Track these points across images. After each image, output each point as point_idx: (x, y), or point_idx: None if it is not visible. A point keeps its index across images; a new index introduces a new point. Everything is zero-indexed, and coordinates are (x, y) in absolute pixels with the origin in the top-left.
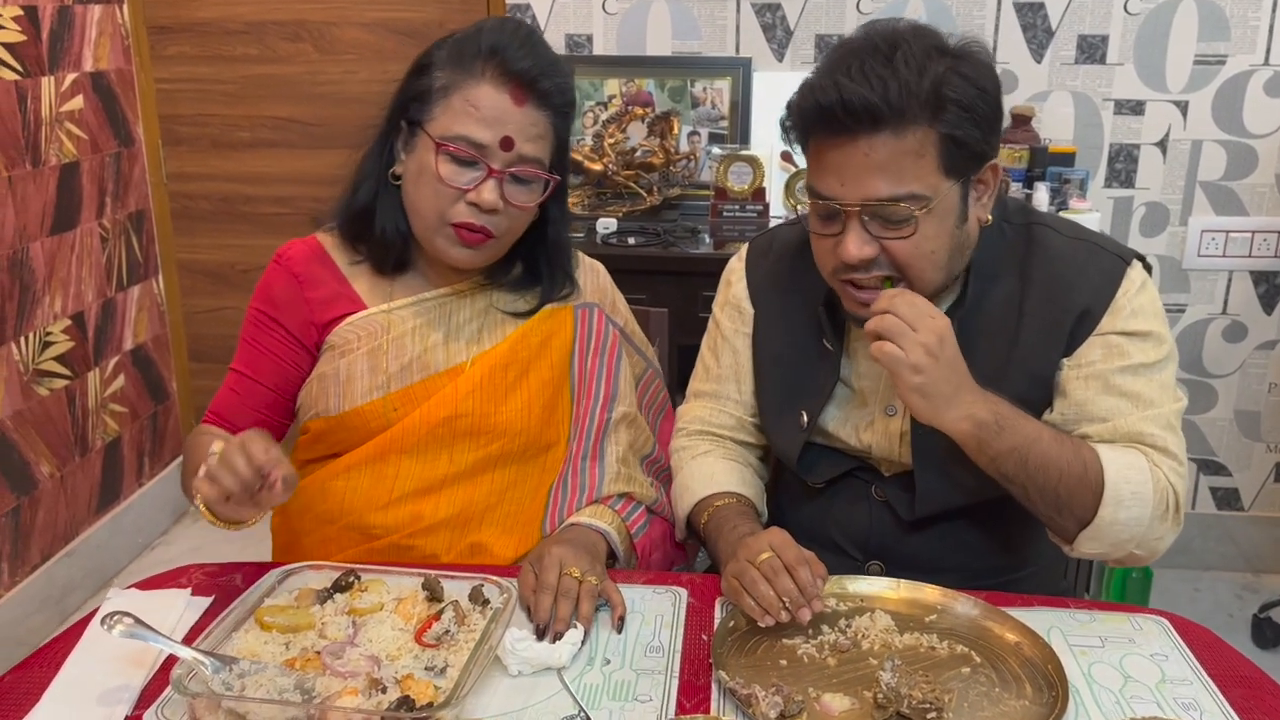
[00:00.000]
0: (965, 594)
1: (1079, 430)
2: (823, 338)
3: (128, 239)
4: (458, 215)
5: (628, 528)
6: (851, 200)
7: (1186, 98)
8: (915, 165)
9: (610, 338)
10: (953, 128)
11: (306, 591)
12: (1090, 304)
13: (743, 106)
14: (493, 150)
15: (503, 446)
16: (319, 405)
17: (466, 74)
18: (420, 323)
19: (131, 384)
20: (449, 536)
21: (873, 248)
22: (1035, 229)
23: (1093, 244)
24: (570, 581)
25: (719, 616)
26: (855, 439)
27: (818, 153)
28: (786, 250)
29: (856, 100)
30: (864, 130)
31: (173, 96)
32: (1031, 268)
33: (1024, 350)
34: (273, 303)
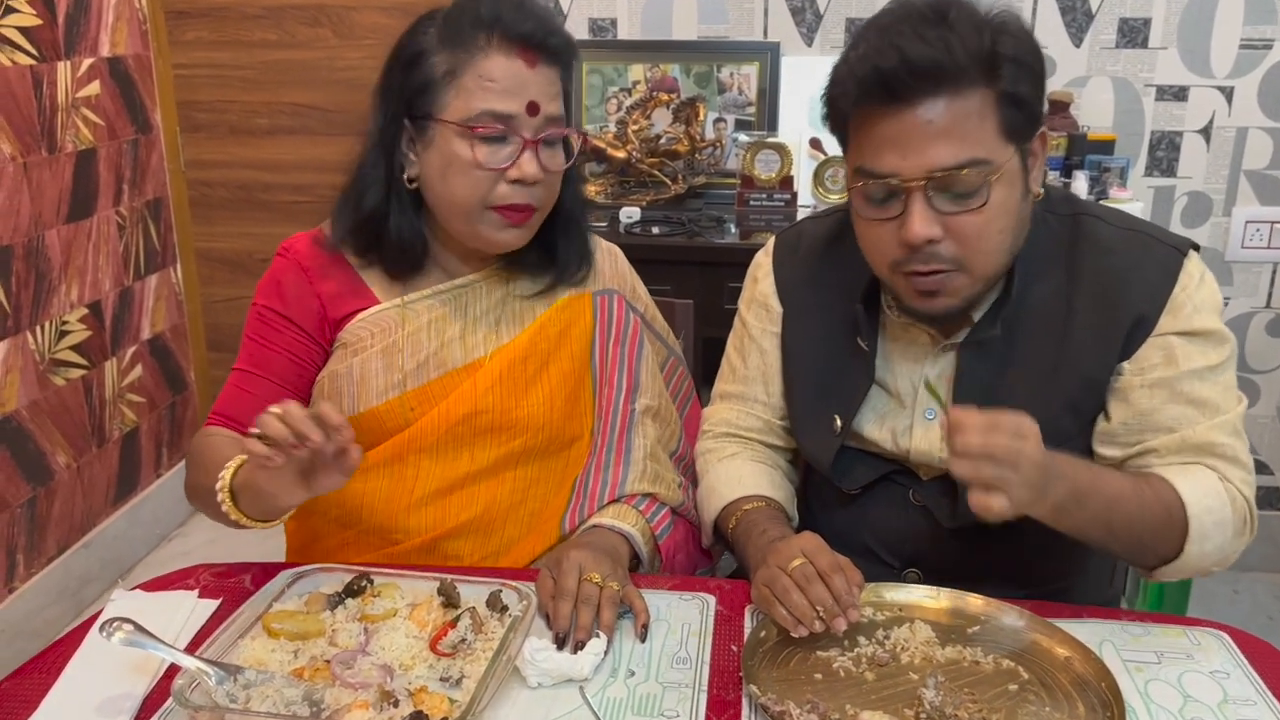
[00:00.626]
0: (1009, 603)
1: (1143, 440)
2: (857, 336)
3: (145, 227)
4: (500, 198)
5: (652, 529)
6: (914, 174)
7: (1232, 83)
8: (978, 128)
9: (631, 325)
10: (1012, 84)
11: (317, 596)
12: (1147, 302)
13: (770, 92)
14: (521, 119)
15: (525, 442)
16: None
17: (469, 50)
18: (435, 316)
19: (149, 374)
20: (474, 540)
21: (939, 227)
22: (1082, 220)
23: (1146, 234)
24: (591, 588)
25: (749, 625)
26: (893, 443)
27: (868, 127)
28: (816, 244)
29: (922, 60)
30: (923, 94)
31: (191, 82)
32: (1080, 262)
33: (1075, 351)
34: (281, 298)
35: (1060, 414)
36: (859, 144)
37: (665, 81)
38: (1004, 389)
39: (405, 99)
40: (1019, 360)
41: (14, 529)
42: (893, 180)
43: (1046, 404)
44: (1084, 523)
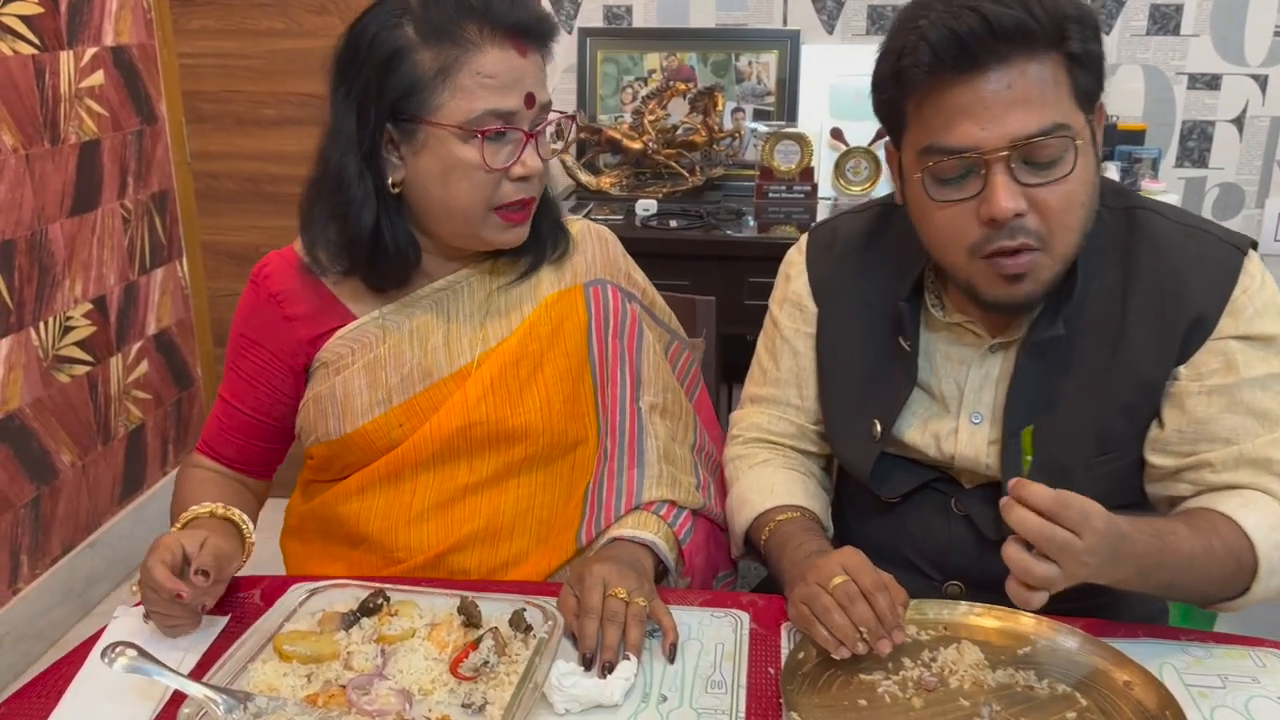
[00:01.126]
0: (1062, 621)
1: (1197, 451)
2: (899, 336)
3: (150, 220)
4: (504, 198)
5: (675, 534)
6: (996, 144)
7: (1266, 71)
8: (1054, 93)
9: (629, 315)
10: (1081, 44)
11: (331, 615)
12: (1205, 303)
13: (790, 82)
14: (520, 113)
15: (526, 450)
16: (318, 429)
17: (460, 45)
18: (417, 324)
19: (155, 370)
20: (479, 552)
21: (1023, 200)
22: (1138, 214)
23: (1205, 231)
24: (616, 604)
25: (785, 645)
26: (936, 449)
27: (938, 100)
28: (853, 240)
29: (1006, 20)
30: (1000, 60)
31: (196, 72)
32: (1136, 258)
33: (1130, 353)
34: (251, 326)
35: (1113, 418)
36: (926, 120)
37: (682, 71)
38: (1058, 392)
39: (388, 102)
40: (1075, 361)
41: (18, 529)
42: (971, 154)
43: (1099, 407)
44: (1151, 589)
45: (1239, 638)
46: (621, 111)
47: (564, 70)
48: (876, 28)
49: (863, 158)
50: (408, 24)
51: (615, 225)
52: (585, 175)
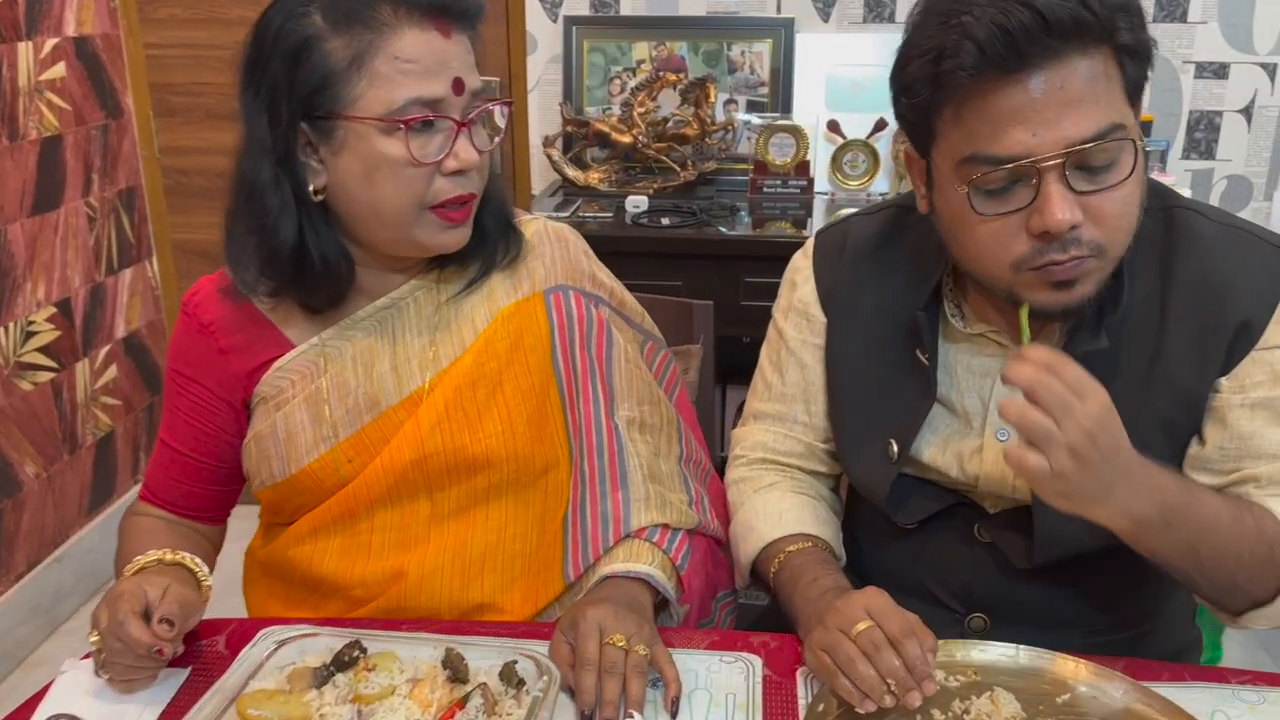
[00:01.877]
0: (1104, 665)
1: (1241, 468)
2: (915, 349)
3: (118, 218)
4: (439, 194)
5: (672, 560)
6: (1050, 150)
7: (1275, 60)
8: (1108, 90)
9: (595, 321)
10: (1132, 33)
11: (301, 671)
12: (1251, 310)
13: (784, 72)
14: (449, 100)
15: (489, 479)
16: (262, 473)
17: (374, 29)
18: (360, 349)
19: (125, 374)
20: (447, 592)
21: (1080, 209)
22: (1177, 214)
23: (1249, 233)
24: (614, 653)
25: (803, 694)
26: (958, 470)
27: (982, 105)
28: (864, 245)
29: (1063, 13)
30: (1052, 58)
31: (164, 63)
32: (1175, 262)
33: (1170, 363)
34: (185, 360)
35: (1152, 432)
36: (968, 127)
37: (672, 61)
38: None
39: (300, 99)
40: (1114, 375)
41: None
42: (1023, 162)
43: (1138, 421)
44: (1169, 548)
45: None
46: (609, 103)
47: (549, 60)
48: (874, 15)
49: (860, 151)
50: (315, 11)
51: (604, 223)
52: (572, 170)
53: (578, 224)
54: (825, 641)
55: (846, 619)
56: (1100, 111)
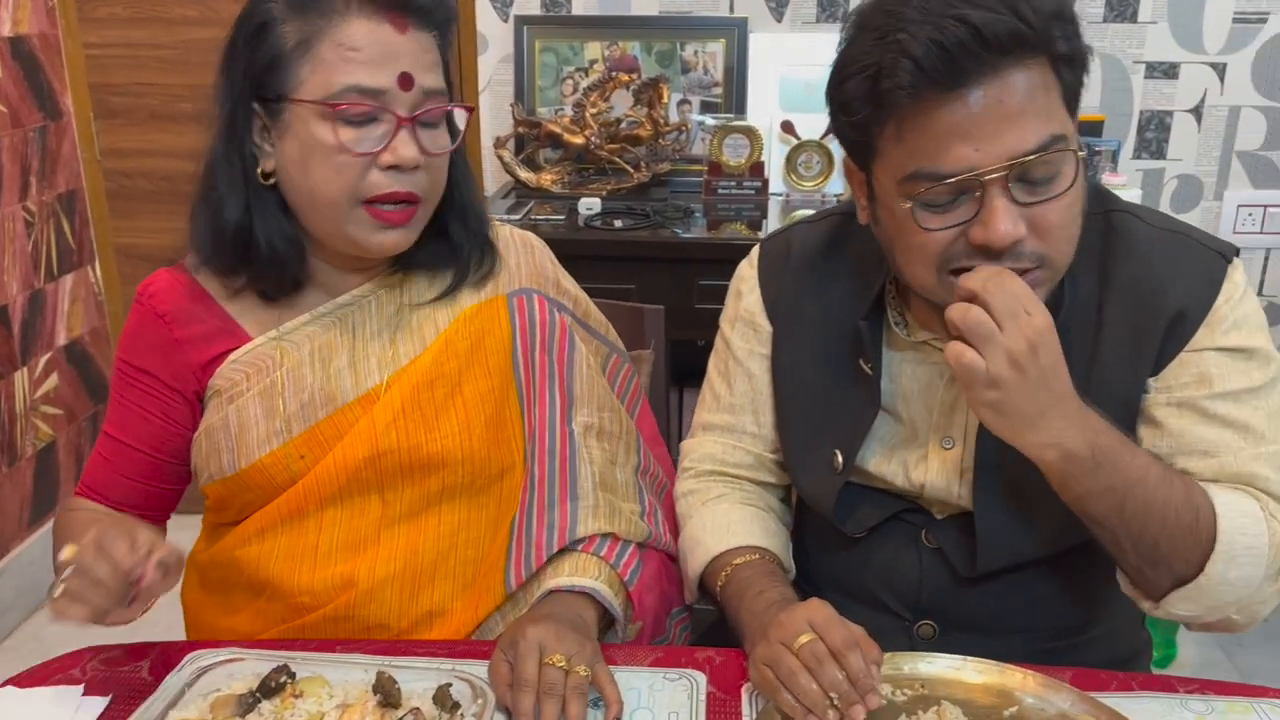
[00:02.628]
0: (1050, 675)
1: (1174, 465)
2: (859, 358)
3: (58, 223)
4: (373, 188)
5: (619, 575)
6: (994, 163)
7: (1224, 59)
8: (1047, 100)
9: (558, 327)
10: (1067, 42)
11: (225, 699)
12: (1185, 311)
13: (738, 72)
14: (393, 94)
15: (444, 480)
16: (211, 466)
17: (325, 15)
18: (318, 345)
19: (66, 383)
20: (397, 601)
21: (1023, 223)
22: (1116, 217)
23: (1188, 237)
24: (554, 674)
25: (747, 711)
26: (904, 478)
27: (925, 122)
28: (809, 253)
29: (999, 27)
30: (988, 72)
31: (104, 63)
32: (1113, 265)
33: (1105, 367)
34: (137, 351)
35: None
36: (910, 145)
37: (625, 61)
38: None
39: (251, 78)
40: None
41: None
42: (966, 177)
43: None
44: (1096, 494)
45: (1238, 686)
46: (562, 104)
47: (500, 60)
48: (827, 15)
49: (815, 151)
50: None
51: (557, 225)
52: (524, 172)
53: (530, 226)
54: (768, 656)
55: (789, 632)
56: (1040, 123)
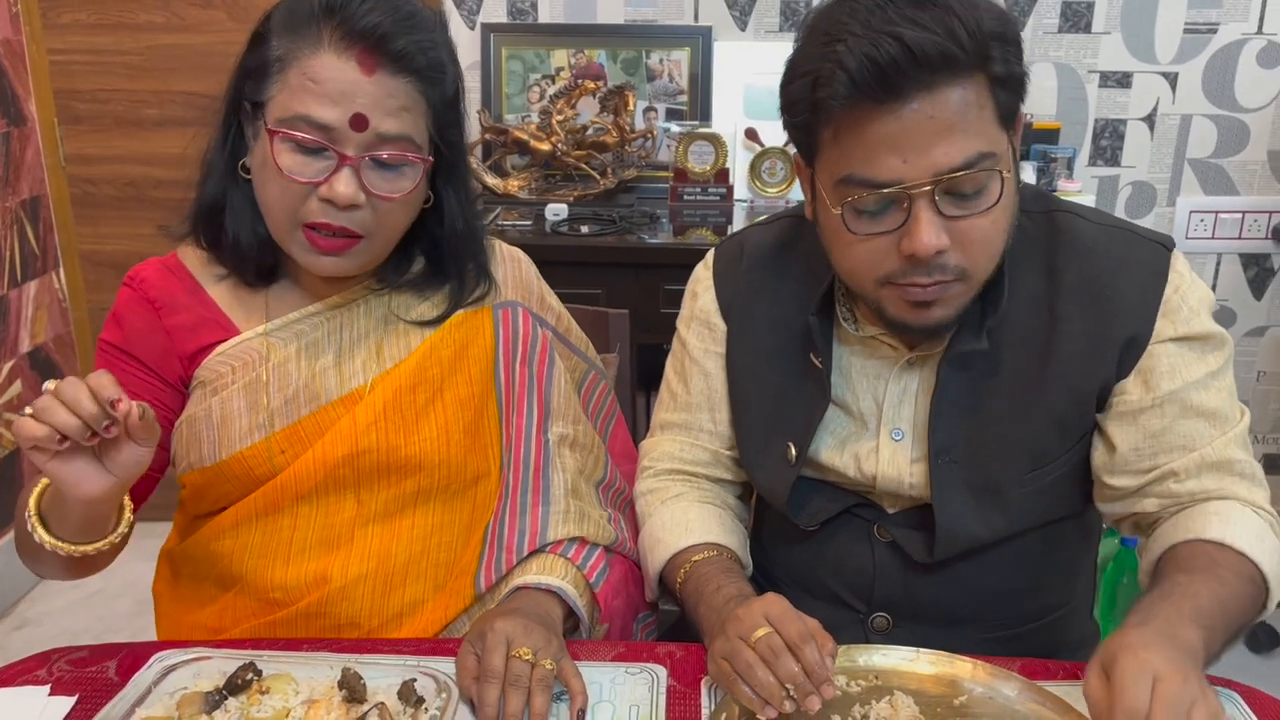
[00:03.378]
0: (999, 665)
1: (1157, 465)
2: (809, 353)
3: (21, 229)
4: (310, 215)
5: (586, 577)
6: (920, 177)
7: (1176, 69)
8: (979, 118)
9: (540, 341)
10: (1003, 64)
11: (191, 696)
12: (1139, 306)
13: (703, 80)
14: (342, 132)
15: (419, 483)
16: (191, 455)
17: (303, 41)
18: (305, 343)
19: (31, 390)
20: (369, 599)
21: (946, 235)
22: (1058, 217)
23: (1128, 231)
24: (520, 666)
25: (706, 703)
26: (856, 470)
27: (859, 130)
28: (761, 254)
29: (929, 47)
30: (922, 88)
31: (69, 70)
32: (1060, 264)
33: (1061, 363)
34: (125, 334)
35: (1044, 431)
36: (845, 151)
37: (591, 68)
38: (985, 405)
39: (242, 80)
40: (1002, 374)
41: None
42: (894, 189)
43: (1029, 420)
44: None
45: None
46: (528, 111)
47: (467, 67)
48: (790, 24)
49: (779, 158)
50: (282, 10)
51: (524, 231)
52: (491, 178)
53: (497, 232)
54: (725, 650)
55: (746, 626)
56: (970, 140)
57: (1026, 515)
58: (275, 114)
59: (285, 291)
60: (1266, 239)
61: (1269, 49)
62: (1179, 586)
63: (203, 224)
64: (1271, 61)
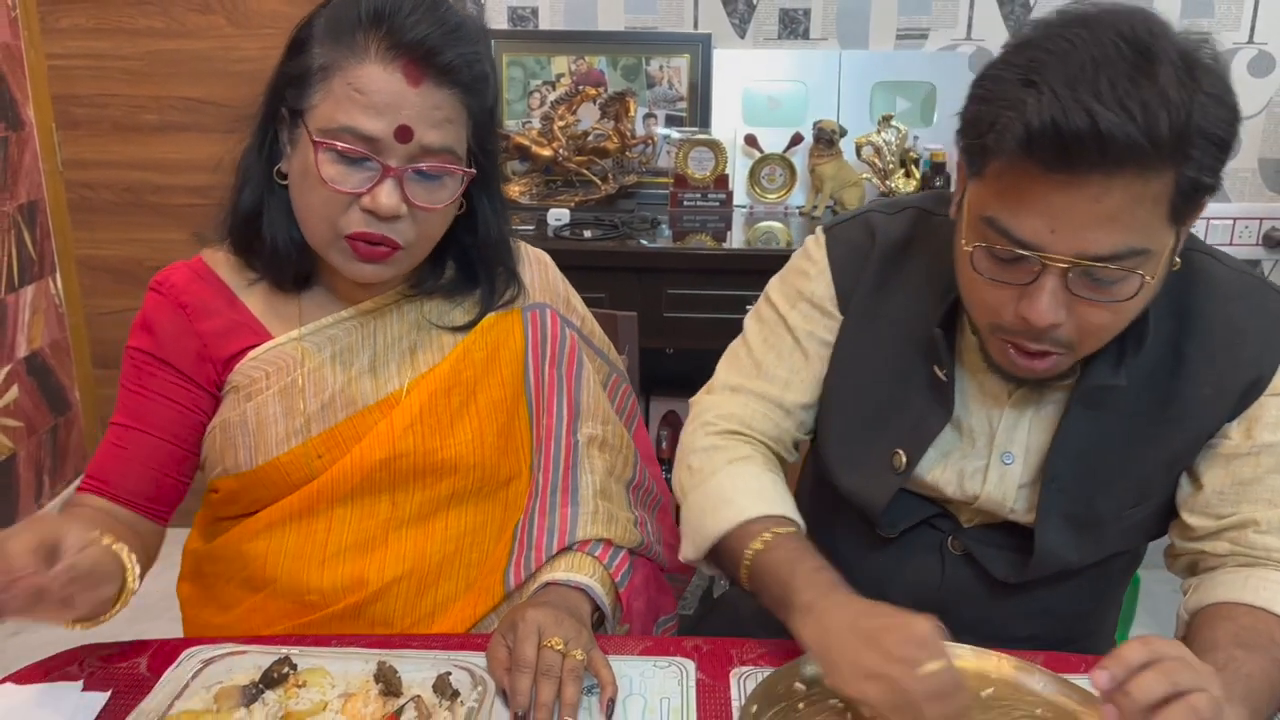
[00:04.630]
0: (1026, 659)
1: (1239, 511)
2: (934, 364)
3: (19, 233)
4: (351, 225)
5: (611, 576)
6: (1062, 252)
7: None
8: (1148, 214)
9: (568, 342)
10: (1201, 171)
11: (229, 689)
12: (1262, 358)
13: (702, 86)
14: (387, 144)
15: (454, 485)
16: (226, 460)
17: (348, 50)
18: (340, 348)
19: (27, 395)
20: (403, 600)
21: (1065, 311)
22: (1195, 258)
23: (1260, 280)
24: (552, 656)
25: (736, 696)
26: (956, 487)
27: (1021, 183)
28: (889, 248)
29: (1117, 133)
30: (1099, 172)
31: (67, 74)
32: (1194, 306)
33: (1185, 405)
34: (156, 339)
35: (1155, 469)
36: (1000, 193)
37: (591, 75)
38: (1107, 441)
39: (281, 86)
40: (1128, 410)
41: None
42: (1032, 254)
43: (1144, 460)
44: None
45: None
46: (530, 117)
47: None
48: (788, 32)
49: (778, 164)
50: (323, 16)
51: (527, 236)
52: None
53: None
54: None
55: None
56: (1128, 234)
57: (1116, 544)
58: (318, 123)
59: (318, 297)
60: (1258, 245)
61: (1260, 58)
62: (1234, 662)
63: (240, 230)
64: (1262, 70)
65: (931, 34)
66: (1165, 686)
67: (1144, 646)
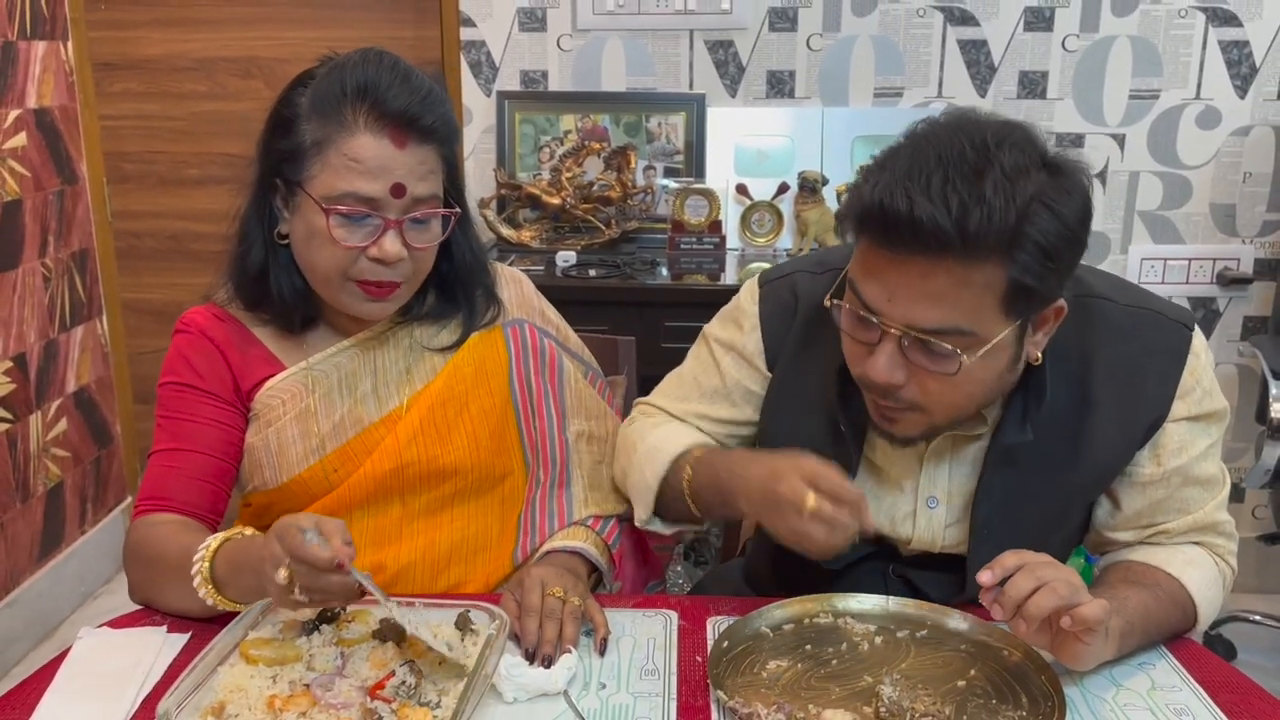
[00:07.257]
0: (956, 609)
1: (1155, 524)
2: (838, 420)
3: (71, 278)
4: (361, 273)
5: (604, 539)
6: (894, 320)
7: (1123, 131)
8: (975, 299)
9: (548, 351)
10: (1025, 273)
11: (292, 623)
12: (1161, 388)
13: (697, 141)
14: (385, 201)
15: (455, 485)
16: (255, 479)
17: (338, 124)
18: (344, 374)
19: (74, 427)
20: (420, 582)
21: (904, 374)
22: (1088, 304)
23: (1151, 311)
24: (554, 602)
25: (711, 636)
26: (890, 529)
27: (867, 254)
28: (811, 309)
29: (927, 221)
30: (926, 252)
31: (118, 133)
32: (1093, 350)
33: (1095, 445)
34: (194, 371)
35: (1074, 503)
36: (859, 258)
37: (596, 131)
38: (1025, 487)
39: (274, 162)
40: (1041, 457)
41: None
42: (872, 318)
43: (1065, 498)
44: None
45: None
46: (540, 169)
47: (484, 130)
48: (775, 92)
49: (767, 211)
50: (306, 95)
51: (536, 275)
52: (506, 229)
53: None
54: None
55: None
56: (951, 313)
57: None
58: (321, 191)
59: (322, 331)
60: (1211, 283)
61: (1206, 112)
62: (1119, 595)
63: (249, 288)
64: (1209, 123)
65: (906, 92)
66: (1033, 582)
67: (1018, 555)
